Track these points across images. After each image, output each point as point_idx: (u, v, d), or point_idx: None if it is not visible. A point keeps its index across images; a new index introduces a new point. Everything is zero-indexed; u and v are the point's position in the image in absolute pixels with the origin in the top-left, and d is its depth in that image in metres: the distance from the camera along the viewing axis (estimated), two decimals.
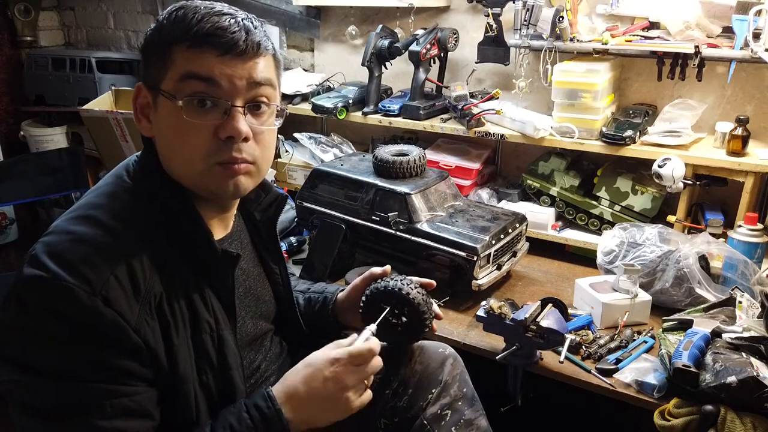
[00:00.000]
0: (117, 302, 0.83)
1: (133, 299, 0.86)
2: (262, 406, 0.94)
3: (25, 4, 3.34)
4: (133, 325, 0.85)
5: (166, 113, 0.91)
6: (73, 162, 2.56)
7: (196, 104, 0.89)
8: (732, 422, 1.17)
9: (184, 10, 0.90)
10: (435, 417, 1.21)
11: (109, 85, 2.90)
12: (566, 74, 1.86)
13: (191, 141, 0.90)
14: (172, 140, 0.92)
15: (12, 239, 3.17)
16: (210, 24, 0.88)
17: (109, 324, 0.83)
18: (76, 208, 0.93)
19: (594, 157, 2.00)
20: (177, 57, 0.89)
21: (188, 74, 0.88)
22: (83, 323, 0.82)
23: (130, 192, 0.95)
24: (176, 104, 0.89)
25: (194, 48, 0.88)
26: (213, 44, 0.88)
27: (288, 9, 2.58)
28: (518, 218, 1.83)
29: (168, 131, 0.92)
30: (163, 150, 0.95)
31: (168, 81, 0.89)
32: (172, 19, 0.90)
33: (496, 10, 2.00)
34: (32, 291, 0.82)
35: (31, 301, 0.82)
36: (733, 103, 1.90)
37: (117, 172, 0.99)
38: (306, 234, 2.17)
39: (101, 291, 0.82)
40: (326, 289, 1.34)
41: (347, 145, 2.40)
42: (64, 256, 0.83)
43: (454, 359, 1.28)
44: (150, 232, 0.91)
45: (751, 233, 1.64)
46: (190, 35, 0.88)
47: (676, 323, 1.46)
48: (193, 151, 0.91)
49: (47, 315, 0.82)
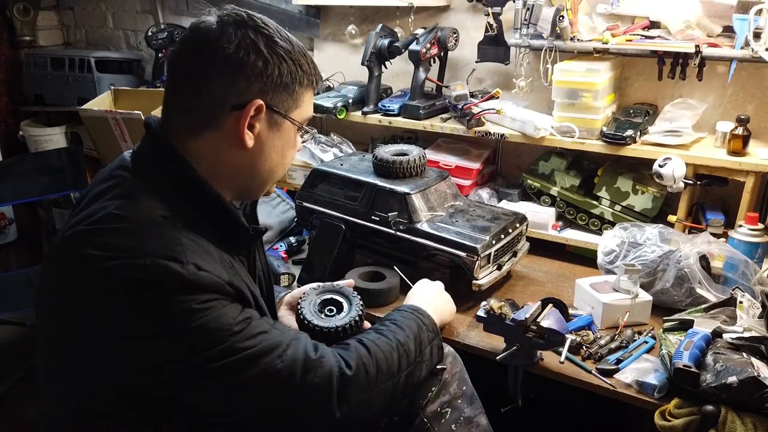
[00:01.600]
0: (207, 266, 0.90)
1: (213, 261, 0.93)
2: (404, 307, 1.24)
3: (24, 4, 3.34)
4: (227, 279, 0.92)
5: (286, 135, 1.05)
6: (72, 162, 2.56)
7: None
8: (733, 422, 1.16)
9: (299, 47, 1.04)
10: (435, 415, 1.22)
11: (108, 84, 2.90)
12: (566, 74, 1.85)
13: (293, 156, 1.10)
14: (283, 155, 1.07)
15: (11, 239, 3.17)
16: (318, 73, 1.08)
17: (210, 283, 0.88)
18: (93, 213, 0.93)
19: (594, 156, 2.00)
20: (306, 97, 1.05)
21: (309, 117, 1.08)
22: (188, 286, 0.86)
23: (141, 188, 0.96)
24: (297, 131, 1.07)
25: (312, 92, 1.07)
26: (317, 90, 1.13)
27: (288, 8, 2.58)
28: (518, 218, 1.82)
29: (283, 147, 1.06)
30: (259, 163, 1.04)
31: (297, 114, 1.04)
32: (305, 59, 1.04)
33: (496, 9, 1.99)
34: (128, 278, 0.85)
35: (133, 287, 0.85)
36: (733, 103, 1.90)
37: (114, 173, 0.99)
38: (306, 234, 2.17)
39: (190, 261, 0.88)
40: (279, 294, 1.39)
41: (347, 145, 2.40)
42: (134, 244, 0.87)
43: (453, 358, 1.29)
44: (178, 216, 0.94)
45: (752, 233, 1.63)
46: (313, 83, 1.06)
47: (677, 323, 1.46)
48: (288, 164, 1.11)
49: (153, 292, 0.85)
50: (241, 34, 0.95)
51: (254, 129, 0.99)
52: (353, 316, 1.22)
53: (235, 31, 0.95)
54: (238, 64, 0.95)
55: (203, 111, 0.98)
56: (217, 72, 0.95)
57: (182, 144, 0.99)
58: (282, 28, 1.02)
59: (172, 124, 1.00)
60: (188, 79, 0.98)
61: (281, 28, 1.02)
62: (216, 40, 0.95)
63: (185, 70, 0.99)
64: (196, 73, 0.97)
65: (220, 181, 1.01)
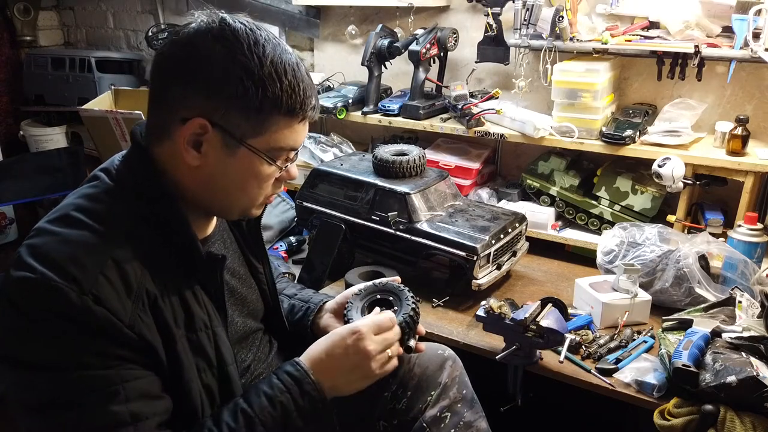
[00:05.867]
0: (108, 301, 0.83)
1: (126, 297, 0.85)
2: (291, 371, 0.98)
3: (25, 4, 3.34)
4: (127, 322, 0.84)
5: (245, 163, 0.93)
6: (73, 162, 2.57)
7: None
8: (732, 422, 1.17)
9: (275, 66, 0.88)
10: (434, 419, 1.21)
11: (108, 84, 2.90)
12: (566, 74, 1.86)
13: (261, 186, 0.97)
14: (241, 183, 0.95)
15: (11, 239, 3.17)
16: (304, 100, 0.92)
17: (102, 321, 0.82)
18: (57, 209, 0.92)
19: (594, 156, 2.00)
20: (273, 125, 0.91)
21: (285, 147, 0.94)
22: (76, 320, 0.81)
23: (111, 193, 0.93)
24: (262, 160, 0.93)
25: (290, 120, 0.92)
26: (304, 118, 0.93)
27: (288, 9, 2.58)
28: (518, 218, 1.83)
29: (239, 175, 0.94)
30: (213, 185, 0.94)
31: (260, 142, 0.91)
32: (278, 82, 0.88)
33: (495, 9, 2.00)
34: (22, 292, 0.82)
35: (21, 302, 0.82)
36: (732, 103, 1.90)
37: (97, 173, 0.98)
38: (306, 234, 2.18)
39: (91, 290, 0.82)
40: (311, 299, 1.31)
41: (347, 145, 2.40)
42: (50, 256, 0.83)
43: (453, 361, 1.28)
44: (137, 232, 0.91)
45: (751, 233, 1.64)
46: (285, 110, 0.90)
47: (676, 323, 1.47)
48: (258, 193, 0.98)
49: (39, 312, 0.81)
50: (211, 38, 0.87)
51: (200, 148, 0.90)
52: (406, 313, 1.10)
53: (204, 37, 0.87)
54: (193, 73, 0.87)
55: (160, 119, 0.92)
56: (173, 79, 0.89)
57: (153, 151, 0.95)
58: (271, 40, 0.90)
59: (147, 131, 0.97)
60: (152, 84, 0.94)
61: (271, 38, 0.90)
62: (184, 46, 0.88)
63: (153, 75, 0.93)
64: (159, 78, 0.92)
65: (185, 194, 0.96)
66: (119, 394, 0.83)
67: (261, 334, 1.20)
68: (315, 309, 1.27)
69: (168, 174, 0.94)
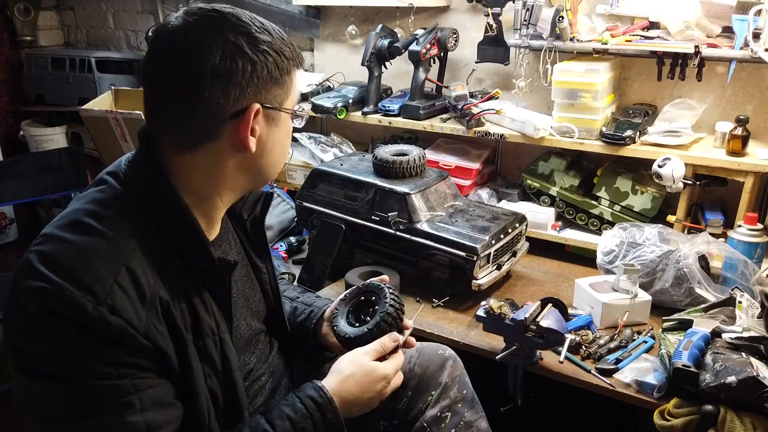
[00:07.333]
0: (123, 310, 0.82)
1: (140, 305, 0.85)
2: (315, 396, 1.02)
3: (25, 4, 3.34)
4: (142, 331, 0.84)
5: (286, 126, 1.01)
6: (73, 162, 2.57)
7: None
8: (732, 422, 1.17)
9: (274, 29, 0.95)
10: (435, 419, 1.21)
11: (108, 84, 2.90)
12: (566, 74, 1.86)
13: (290, 139, 1.06)
14: (284, 146, 1.04)
15: (12, 239, 3.17)
16: (298, 52, 1.00)
17: (118, 331, 0.82)
18: (65, 215, 0.91)
19: (594, 156, 2.00)
20: (294, 82, 1.00)
21: (299, 97, 1.02)
22: (93, 331, 0.81)
23: (120, 198, 0.93)
24: (292, 116, 1.01)
25: (298, 70, 1.00)
26: (302, 63, 1.01)
27: (288, 9, 2.58)
28: (518, 218, 1.83)
29: (283, 139, 1.02)
30: (263, 162, 0.99)
31: (288, 102, 0.99)
32: (285, 43, 0.96)
33: (496, 9, 2.00)
34: (37, 302, 0.81)
35: (36, 312, 0.81)
36: (732, 103, 1.90)
37: (104, 177, 0.97)
38: (306, 234, 2.18)
39: (107, 300, 0.81)
40: (314, 303, 1.32)
41: (347, 145, 2.40)
42: (64, 265, 0.82)
43: (454, 361, 1.28)
44: (146, 238, 0.90)
45: (751, 233, 1.64)
46: (298, 64, 0.99)
47: (676, 323, 1.47)
48: (288, 149, 1.07)
49: (54, 321, 0.80)
50: (222, 39, 0.88)
51: (255, 132, 0.94)
52: (383, 311, 1.15)
53: (215, 38, 0.89)
54: (228, 73, 0.89)
55: (199, 125, 0.91)
56: (209, 85, 0.89)
57: (175, 159, 0.94)
58: (256, 17, 0.95)
59: (164, 139, 0.95)
60: (178, 94, 0.91)
61: (254, 16, 0.96)
62: (198, 51, 0.88)
63: (172, 84, 0.91)
64: (186, 87, 0.90)
65: (222, 187, 0.98)
66: (134, 403, 0.83)
67: (263, 335, 1.20)
68: (319, 313, 1.28)
69: (200, 175, 0.95)
